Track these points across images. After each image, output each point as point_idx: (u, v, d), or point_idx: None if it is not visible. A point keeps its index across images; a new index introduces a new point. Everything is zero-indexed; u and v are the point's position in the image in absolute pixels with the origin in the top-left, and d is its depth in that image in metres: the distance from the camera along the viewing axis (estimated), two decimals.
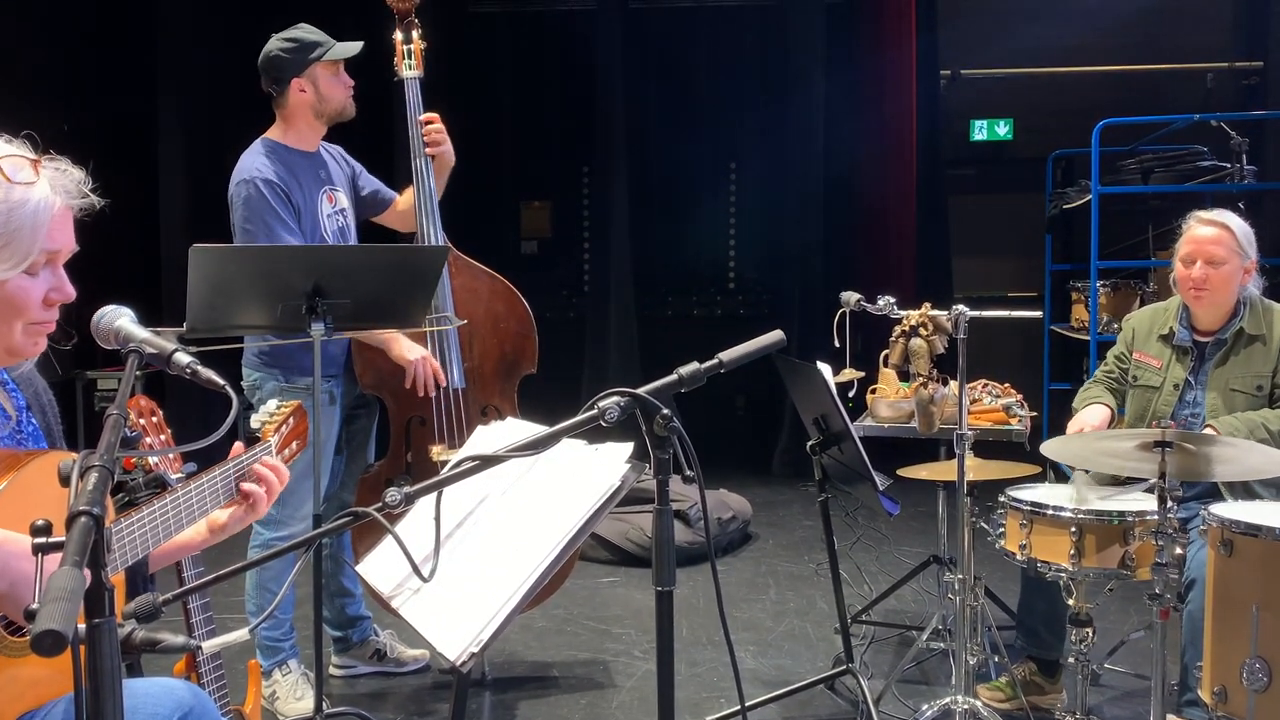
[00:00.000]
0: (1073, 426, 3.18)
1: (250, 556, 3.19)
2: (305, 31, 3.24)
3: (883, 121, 6.99)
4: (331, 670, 3.62)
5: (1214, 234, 3.06)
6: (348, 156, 3.51)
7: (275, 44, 3.26)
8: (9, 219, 1.52)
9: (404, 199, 3.55)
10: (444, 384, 3.35)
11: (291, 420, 2.13)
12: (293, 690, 3.33)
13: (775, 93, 7.18)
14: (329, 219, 3.34)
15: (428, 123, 3.42)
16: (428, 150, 3.43)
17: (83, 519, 1.06)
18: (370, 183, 3.56)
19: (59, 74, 6.04)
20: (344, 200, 3.41)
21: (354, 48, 3.25)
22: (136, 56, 6.42)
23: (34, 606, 0.97)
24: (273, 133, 3.31)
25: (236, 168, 3.22)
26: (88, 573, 1.05)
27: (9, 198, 1.52)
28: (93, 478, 1.13)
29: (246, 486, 1.81)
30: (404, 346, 3.29)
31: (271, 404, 2.14)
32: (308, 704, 3.24)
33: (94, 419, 5.97)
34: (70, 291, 1.64)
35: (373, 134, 3.46)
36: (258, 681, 2.33)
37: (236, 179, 3.20)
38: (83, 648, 1.11)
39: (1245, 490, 2.89)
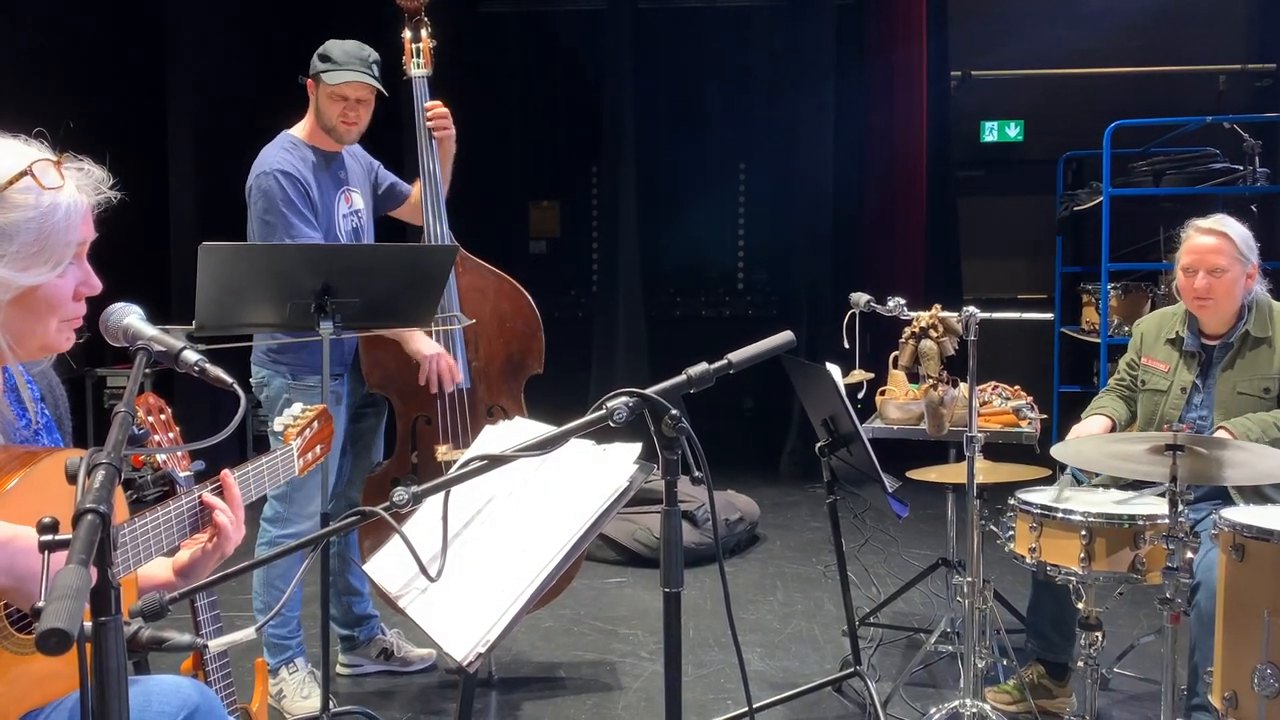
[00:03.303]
0: (1070, 436, 3.17)
1: (257, 555, 3.19)
2: (335, 48, 3.21)
3: (893, 122, 6.97)
4: (338, 669, 3.62)
5: (1214, 243, 3.04)
6: (364, 152, 3.51)
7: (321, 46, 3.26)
8: (42, 225, 1.52)
9: (417, 190, 3.55)
10: (458, 380, 3.35)
11: (316, 424, 2.12)
12: (299, 689, 3.33)
13: (784, 93, 7.17)
14: (344, 219, 3.34)
15: (432, 109, 3.43)
16: (436, 135, 3.43)
17: (89, 517, 1.06)
18: (387, 177, 3.57)
19: (67, 69, 6.05)
20: (360, 201, 3.41)
21: (345, 77, 3.17)
22: (145, 51, 6.43)
23: (40, 604, 0.97)
24: (296, 129, 3.31)
25: (257, 160, 3.23)
26: (94, 570, 1.04)
27: (40, 204, 1.52)
28: (100, 475, 1.12)
29: (217, 516, 1.72)
30: (420, 342, 3.29)
31: (296, 407, 2.14)
32: (314, 702, 3.23)
33: (104, 416, 5.99)
34: (97, 284, 1.65)
35: (381, 132, 3.46)
36: (264, 680, 2.33)
37: (256, 171, 3.20)
38: (89, 646, 1.10)
39: (1256, 494, 2.87)
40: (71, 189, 1.56)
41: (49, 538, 1.08)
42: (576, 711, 3.37)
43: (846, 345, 3.21)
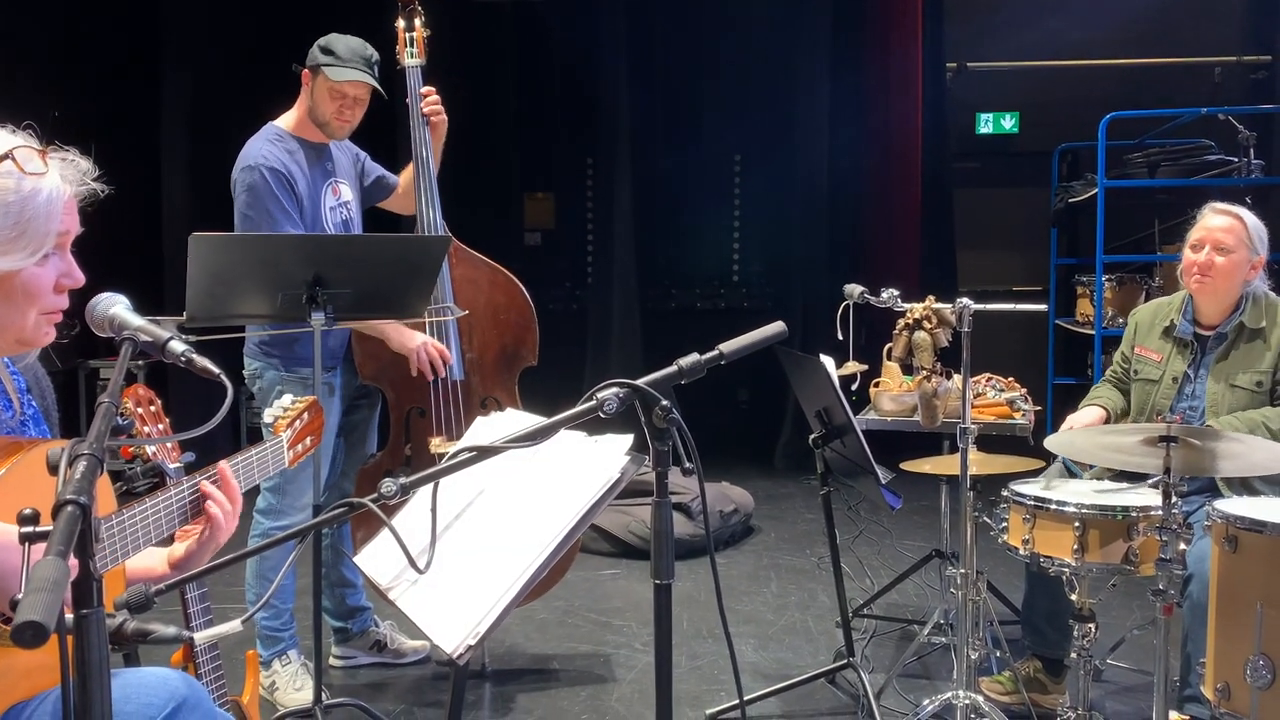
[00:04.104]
0: (1063, 427, 3.17)
1: (249, 546, 3.18)
2: (339, 43, 3.19)
3: (889, 114, 6.96)
4: (331, 661, 3.62)
5: (1226, 223, 3.07)
6: (349, 143, 3.49)
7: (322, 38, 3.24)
8: (23, 210, 1.51)
9: (404, 176, 3.54)
10: (450, 361, 3.34)
11: (306, 416, 2.11)
12: (292, 680, 3.33)
13: (781, 84, 7.15)
14: (332, 211, 3.32)
15: (426, 95, 3.43)
16: (434, 120, 3.42)
17: (69, 508, 1.04)
18: (374, 169, 3.56)
19: (60, 60, 6.02)
20: (348, 193, 3.39)
21: (350, 75, 3.15)
22: (138, 42, 6.40)
23: (18, 597, 0.96)
24: (283, 120, 3.29)
25: (242, 153, 3.20)
26: (74, 562, 1.03)
27: (21, 188, 1.51)
28: (81, 466, 1.11)
29: (210, 508, 1.72)
30: (404, 336, 3.27)
31: (286, 399, 2.13)
32: (307, 694, 3.23)
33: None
34: (80, 277, 1.64)
35: (375, 122, 3.44)
36: (256, 672, 2.33)
37: (241, 165, 3.18)
38: (70, 638, 1.09)
39: (1244, 486, 2.87)
40: (55, 177, 1.55)
41: (29, 529, 1.07)
42: (570, 703, 3.37)
43: (840, 337, 3.21)
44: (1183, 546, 2.43)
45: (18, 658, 1.51)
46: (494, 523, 1.90)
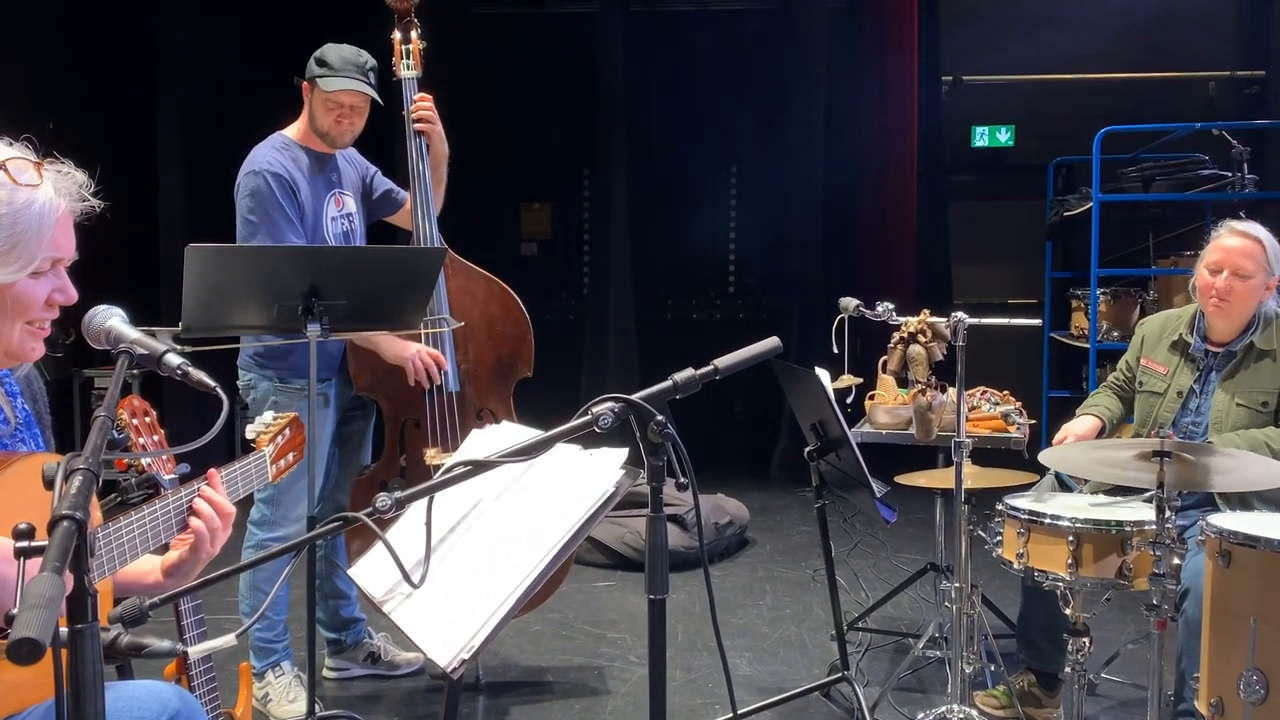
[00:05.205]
0: (1058, 436, 3.18)
1: (244, 558, 3.18)
2: (331, 53, 3.20)
3: (884, 127, 6.97)
4: (325, 672, 3.61)
5: (1245, 246, 3.04)
6: (360, 157, 3.50)
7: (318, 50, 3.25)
8: (15, 221, 1.51)
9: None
10: (445, 367, 3.34)
11: (288, 431, 2.12)
12: (286, 692, 3.32)
13: (776, 97, 7.17)
14: (333, 222, 3.32)
15: (417, 100, 3.42)
16: (416, 126, 3.41)
17: (64, 523, 1.05)
18: (383, 183, 3.56)
19: (56, 70, 6.02)
20: (351, 204, 3.40)
21: (339, 85, 3.16)
22: (135, 53, 6.40)
23: (14, 612, 0.96)
24: (290, 129, 3.30)
25: (248, 158, 3.21)
26: (69, 578, 1.03)
27: (14, 200, 1.51)
28: (77, 481, 1.11)
29: (192, 522, 1.72)
30: (397, 346, 3.27)
31: (268, 415, 2.13)
32: (300, 706, 3.22)
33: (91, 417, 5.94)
34: (73, 294, 1.64)
35: (371, 133, 3.44)
36: (249, 684, 2.32)
37: (246, 169, 3.19)
38: (64, 653, 1.09)
39: (1241, 501, 2.88)
40: (48, 189, 1.55)
41: (24, 544, 1.07)
42: (564, 716, 3.36)
43: (836, 350, 3.21)
44: (1177, 561, 2.44)
45: (6, 672, 1.51)
46: (489, 536, 1.90)
